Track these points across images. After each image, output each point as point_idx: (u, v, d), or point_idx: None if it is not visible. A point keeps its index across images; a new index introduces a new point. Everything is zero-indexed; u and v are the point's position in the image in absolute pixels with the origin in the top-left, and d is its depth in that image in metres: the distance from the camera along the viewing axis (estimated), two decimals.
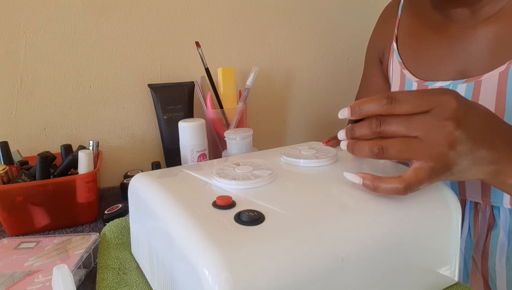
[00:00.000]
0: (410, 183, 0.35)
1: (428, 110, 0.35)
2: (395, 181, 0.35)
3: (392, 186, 0.35)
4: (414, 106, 0.35)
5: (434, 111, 0.34)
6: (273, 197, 0.38)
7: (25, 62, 0.76)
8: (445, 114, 0.34)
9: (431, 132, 0.34)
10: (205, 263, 0.29)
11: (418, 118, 0.35)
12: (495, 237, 0.58)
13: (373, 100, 0.36)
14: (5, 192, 0.59)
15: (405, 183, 0.35)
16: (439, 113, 0.34)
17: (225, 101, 0.79)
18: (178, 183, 0.44)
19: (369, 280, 0.35)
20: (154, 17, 0.82)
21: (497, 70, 0.52)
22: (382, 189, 0.36)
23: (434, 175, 0.35)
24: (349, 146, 0.39)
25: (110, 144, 0.84)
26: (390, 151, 0.35)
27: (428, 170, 0.35)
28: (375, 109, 0.36)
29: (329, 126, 1.05)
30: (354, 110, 0.38)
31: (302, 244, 0.32)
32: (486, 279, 0.60)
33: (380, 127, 0.36)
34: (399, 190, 0.35)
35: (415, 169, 0.35)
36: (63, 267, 0.37)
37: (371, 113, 0.37)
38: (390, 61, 0.67)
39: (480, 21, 0.55)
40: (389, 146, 0.36)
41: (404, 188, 0.35)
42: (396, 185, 0.35)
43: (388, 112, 0.36)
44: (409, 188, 0.35)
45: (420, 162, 0.35)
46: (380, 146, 0.36)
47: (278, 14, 0.93)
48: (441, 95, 0.35)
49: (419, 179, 0.35)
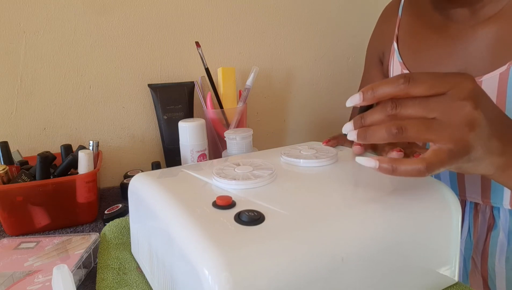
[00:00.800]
0: (431, 163, 0.33)
1: (444, 91, 0.34)
2: (415, 162, 0.34)
3: (414, 167, 0.34)
4: (431, 87, 0.33)
5: (451, 92, 0.33)
6: (273, 197, 0.38)
7: (25, 62, 0.76)
8: (463, 94, 0.33)
9: (450, 112, 0.33)
10: (205, 263, 0.29)
11: (436, 99, 0.34)
12: (494, 237, 0.58)
13: (388, 82, 0.35)
14: (5, 192, 0.59)
15: (426, 163, 0.33)
16: (456, 94, 0.33)
17: (225, 101, 0.79)
18: (178, 183, 0.44)
19: (369, 280, 0.35)
20: (154, 17, 0.82)
21: (498, 71, 0.52)
22: (401, 170, 0.34)
23: (453, 157, 0.34)
24: (361, 134, 0.36)
25: (110, 144, 0.84)
26: (409, 130, 0.34)
27: (448, 152, 0.33)
28: (391, 90, 0.34)
29: (329, 126, 1.05)
30: (366, 95, 0.36)
31: (302, 244, 0.32)
32: (485, 279, 0.60)
33: (396, 110, 0.34)
34: (420, 171, 0.34)
35: (435, 151, 0.34)
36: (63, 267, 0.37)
37: (387, 95, 0.35)
38: (391, 61, 0.67)
39: (480, 21, 0.55)
40: (408, 125, 0.34)
41: (425, 169, 0.33)
42: (418, 166, 0.34)
43: (405, 93, 0.34)
44: (430, 169, 0.33)
45: (439, 144, 0.34)
46: (399, 126, 0.34)
47: (278, 14, 0.93)
48: (458, 76, 0.34)
49: (440, 160, 0.33)
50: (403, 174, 0.35)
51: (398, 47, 0.65)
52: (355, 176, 0.46)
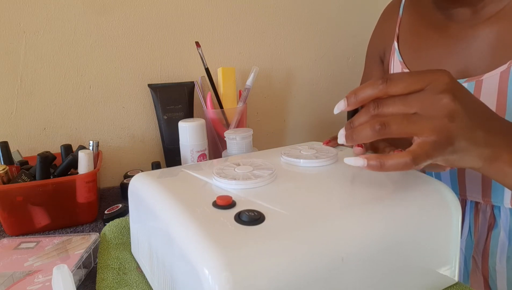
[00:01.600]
0: (417, 155, 0.34)
1: (422, 87, 0.35)
2: (401, 156, 0.35)
3: (400, 160, 0.35)
4: (408, 84, 0.35)
5: (428, 88, 0.35)
6: (273, 197, 0.38)
7: (25, 62, 0.76)
8: (440, 88, 0.34)
9: (429, 106, 0.34)
10: (205, 263, 0.29)
11: (415, 95, 0.35)
12: (495, 237, 0.58)
13: (368, 85, 0.37)
14: (5, 192, 0.59)
15: (412, 156, 0.34)
16: (434, 88, 0.35)
17: (225, 101, 0.79)
18: (178, 183, 0.44)
19: (369, 280, 0.35)
20: (154, 17, 0.82)
21: (498, 70, 0.52)
22: (388, 165, 0.35)
23: (438, 148, 0.34)
24: (348, 135, 0.38)
25: (110, 144, 0.84)
26: (392, 125, 0.35)
27: (432, 143, 0.34)
28: (371, 92, 0.36)
29: (329, 126, 1.05)
30: (350, 100, 0.38)
31: (302, 244, 0.32)
32: (486, 278, 0.60)
33: (378, 109, 0.36)
34: (406, 163, 0.34)
35: (419, 143, 0.35)
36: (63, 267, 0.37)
37: (368, 97, 0.37)
38: (391, 60, 0.67)
39: (481, 21, 0.55)
40: (390, 121, 0.35)
41: (411, 161, 0.34)
42: (404, 159, 0.34)
43: (384, 93, 0.36)
44: (416, 161, 0.34)
45: (422, 137, 0.35)
46: (381, 122, 0.35)
47: (278, 14, 0.93)
48: (434, 72, 0.35)
49: (425, 151, 0.34)
50: (390, 169, 0.35)
51: (398, 46, 0.65)
52: (355, 176, 0.46)
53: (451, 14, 0.58)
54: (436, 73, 0.35)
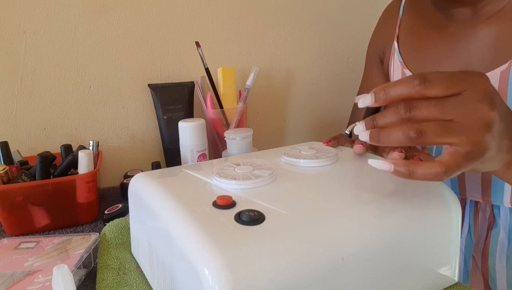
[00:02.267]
0: (450, 166, 0.33)
1: (459, 92, 0.33)
2: (433, 166, 0.33)
3: (431, 170, 0.33)
4: (447, 88, 0.33)
5: (466, 93, 0.33)
6: (273, 197, 0.38)
7: (25, 62, 0.76)
8: (479, 96, 0.33)
9: (467, 114, 0.32)
10: (205, 263, 0.29)
11: (452, 101, 0.33)
12: (495, 236, 0.58)
13: (402, 83, 0.34)
14: (5, 192, 0.59)
15: (445, 167, 0.33)
16: (472, 95, 0.33)
17: (225, 101, 0.79)
18: (178, 183, 0.44)
19: (369, 280, 0.35)
20: (154, 17, 0.82)
21: (498, 70, 0.52)
22: (419, 174, 0.33)
23: (471, 160, 0.33)
24: (374, 135, 0.35)
25: (110, 144, 0.84)
26: (428, 134, 0.32)
27: (465, 155, 0.33)
28: (406, 91, 0.33)
29: (329, 126, 1.05)
30: (378, 96, 0.34)
31: (302, 244, 0.32)
32: (486, 278, 0.60)
33: (411, 112, 0.33)
34: (438, 174, 0.33)
35: (452, 154, 0.33)
36: (63, 267, 0.37)
37: (400, 96, 0.34)
38: (391, 60, 0.67)
39: (481, 20, 0.55)
40: (426, 129, 0.33)
41: (444, 173, 0.33)
42: (436, 170, 0.33)
43: (420, 94, 0.33)
44: (448, 173, 0.33)
45: (456, 147, 0.33)
46: (417, 129, 0.32)
47: (278, 14, 0.93)
48: (473, 76, 0.34)
49: (458, 163, 0.33)
50: (420, 178, 0.34)
51: (398, 47, 0.65)
52: (355, 176, 0.46)
53: (451, 14, 0.58)
54: (475, 77, 0.33)
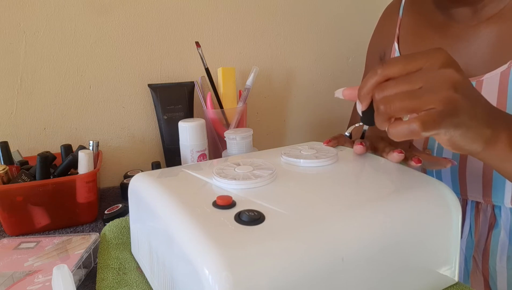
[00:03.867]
0: (425, 120, 0.33)
1: (421, 66, 0.35)
2: (410, 122, 0.33)
3: (408, 127, 0.33)
4: (406, 63, 0.35)
5: (428, 64, 0.35)
6: (273, 197, 0.38)
7: (25, 62, 0.76)
8: (440, 62, 0.34)
9: (433, 79, 0.34)
10: (206, 262, 0.29)
11: (416, 73, 0.35)
12: (496, 236, 0.58)
13: (367, 77, 0.37)
14: (5, 192, 0.59)
15: (420, 121, 0.33)
16: (434, 64, 0.34)
17: (225, 101, 0.79)
18: (178, 183, 0.44)
19: (369, 280, 0.35)
20: (154, 17, 0.82)
21: (499, 70, 0.52)
22: (395, 133, 0.35)
23: (445, 117, 0.33)
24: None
25: (110, 144, 0.84)
26: (395, 102, 0.34)
27: (440, 113, 0.33)
28: (373, 80, 0.36)
29: (329, 126, 1.04)
30: (361, 98, 0.38)
31: (302, 244, 0.32)
32: (486, 278, 0.60)
33: (383, 92, 0.35)
34: (415, 130, 0.33)
35: (427, 112, 0.34)
36: (63, 267, 0.37)
37: (371, 87, 0.36)
38: None
39: (481, 21, 0.55)
40: (393, 98, 0.34)
41: (419, 126, 0.33)
42: (412, 125, 0.33)
43: (384, 76, 0.35)
44: (425, 127, 0.33)
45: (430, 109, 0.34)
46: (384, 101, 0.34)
47: (278, 14, 0.93)
48: (430, 50, 0.35)
49: (433, 119, 0.33)
50: (397, 136, 0.35)
51: (399, 47, 0.65)
52: (355, 176, 0.46)
53: (451, 14, 0.58)
54: (432, 51, 0.35)
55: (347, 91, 0.41)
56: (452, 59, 0.35)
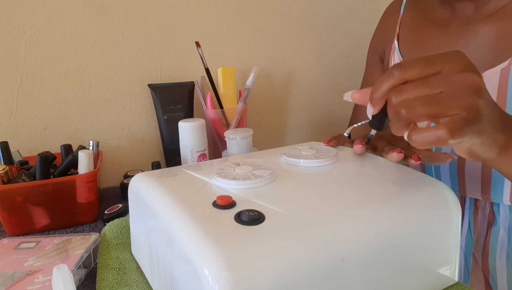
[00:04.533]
0: (452, 128, 0.31)
1: (440, 69, 0.33)
2: (436, 128, 0.31)
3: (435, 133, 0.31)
4: (425, 66, 0.33)
5: (447, 68, 0.33)
6: (273, 197, 0.38)
7: (25, 62, 0.76)
8: (461, 67, 0.33)
9: (454, 84, 0.32)
10: (206, 262, 0.29)
11: (435, 77, 0.33)
12: (495, 234, 0.58)
13: (382, 79, 0.34)
14: (5, 192, 0.59)
15: (448, 129, 0.31)
16: (454, 68, 0.33)
17: (225, 101, 0.79)
18: (178, 183, 0.44)
19: (369, 280, 0.35)
20: (154, 17, 0.82)
21: (499, 67, 0.52)
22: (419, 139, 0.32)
23: (470, 125, 0.32)
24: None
25: (110, 144, 0.84)
26: (418, 107, 0.32)
27: (463, 119, 0.31)
28: (389, 83, 0.34)
29: (329, 126, 1.04)
30: (373, 100, 0.36)
31: (302, 244, 0.32)
32: (486, 276, 0.60)
33: (402, 96, 0.33)
34: (442, 137, 0.31)
35: (451, 118, 0.32)
36: (63, 267, 0.37)
37: (386, 90, 0.34)
38: (391, 59, 0.67)
39: (482, 18, 0.55)
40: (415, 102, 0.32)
41: (447, 134, 0.31)
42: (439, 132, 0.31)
43: (402, 79, 0.33)
44: (452, 135, 0.31)
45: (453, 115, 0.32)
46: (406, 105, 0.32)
47: (278, 14, 0.93)
48: (449, 53, 0.34)
49: (459, 125, 0.31)
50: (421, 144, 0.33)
51: (398, 45, 0.65)
52: (355, 176, 0.46)
53: (453, 11, 0.58)
54: (452, 54, 0.34)
55: (356, 94, 0.40)
56: (471, 63, 0.34)
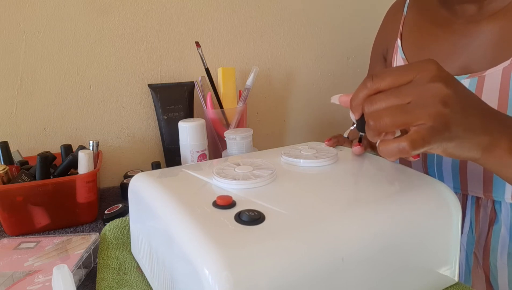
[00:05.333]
0: (414, 140, 0.33)
1: (411, 79, 0.34)
2: (398, 140, 0.34)
3: (398, 145, 0.34)
4: (396, 77, 0.35)
5: (418, 77, 0.34)
6: (273, 197, 0.38)
7: (25, 62, 0.76)
8: (430, 76, 0.34)
9: (422, 94, 0.34)
10: (206, 262, 0.29)
11: (405, 86, 0.34)
12: (496, 232, 0.58)
13: (357, 89, 0.37)
14: (5, 192, 0.59)
15: (409, 141, 0.33)
16: (423, 77, 0.34)
17: (225, 101, 0.79)
18: (178, 183, 0.44)
19: (369, 280, 0.35)
20: (154, 17, 0.82)
21: (501, 66, 0.52)
22: (385, 152, 0.35)
23: (435, 134, 0.33)
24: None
25: (110, 144, 0.84)
26: (385, 118, 0.34)
27: (429, 129, 0.33)
28: (363, 93, 0.36)
29: (329, 126, 1.04)
30: (353, 108, 0.38)
31: (302, 244, 0.32)
32: (487, 275, 0.60)
33: (373, 106, 0.35)
34: (404, 149, 0.33)
35: (416, 129, 0.33)
36: (63, 267, 0.37)
37: (361, 99, 0.36)
38: (394, 57, 0.67)
39: (485, 17, 0.55)
40: (383, 114, 0.34)
41: (409, 145, 0.33)
42: (401, 144, 0.33)
43: (374, 89, 0.35)
44: (414, 146, 0.33)
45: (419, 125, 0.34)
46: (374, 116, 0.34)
47: (278, 14, 0.93)
48: (420, 62, 0.35)
49: (422, 136, 0.33)
50: (387, 155, 0.35)
51: (401, 44, 0.66)
52: (355, 176, 0.46)
53: (455, 10, 0.58)
54: (423, 63, 0.35)
55: (343, 98, 0.42)
56: (443, 71, 0.35)
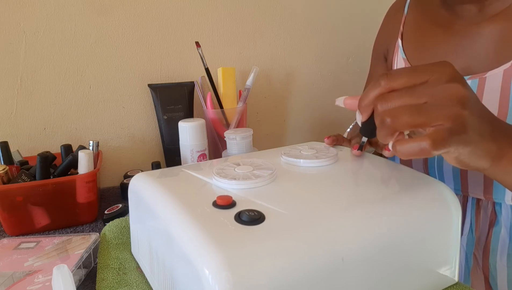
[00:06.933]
0: (436, 139, 0.31)
1: (426, 79, 0.33)
2: (419, 139, 0.32)
3: (418, 145, 0.32)
4: (412, 77, 0.34)
5: (433, 78, 0.33)
6: (273, 197, 0.38)
7: (25, 62, 0.76)
8: (447, 77, 0.33)
9: (439, 94, 0.32)
10: (206, 262, 0.29)
11: (421, 86, 0.33)
12: (496, 234, 0.58)
13: (369, 88, 0.35)
14: (5, 192, 0.59)
15: (431, 140, 0.31)
16: (440, 78, 0.33)
17: (225, 101, 0.79)
18: (178, 183, 0.44)
19: (369, 280, 0.35)
20: (154, 17, 0.82)
21: (502, 67, 0.52)
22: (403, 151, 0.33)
23: (454, 135, 0.32)
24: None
25: (110, 144, 0.84)
26: (402, 117, 0.32)
27: (448, 130, 0.32)
28: (376, 92, 0.35)
29: (329, 126, 1.04)
30: (361, 109, 0.37)
31: (302, 244, 0.32)
32: (487, 276, 0.60)
33: (387, 104, 0.34)
34: (424, 149, 0.32)
35: (435, 128, 0.32)
36: (63, 267, 0.37)
37: (373, 98, 0.35)
38: (395, 57, 0.67)
39: (486, 18, 0.55)
40: (399, 112, 0.33)
41: (430, 146, 0.31)
42: (422, 144, 0.32)
43: (388, 88, 0.34)
44: (435, 146, 0.31)
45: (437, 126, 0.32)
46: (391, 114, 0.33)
47: (278, 14, 0.93)
48: (436, 64, 0.34)
49: (443, 137, 0.32)
50: (406, 155, 0.33)
51: (402, 44, 0.66)
52: (355, 176, 0.46)
53: (456, 11, 0.58)
54: (439, 65, 0.34)
55: (348, 100, 0.40)
56: (458, 73, 0.34)
